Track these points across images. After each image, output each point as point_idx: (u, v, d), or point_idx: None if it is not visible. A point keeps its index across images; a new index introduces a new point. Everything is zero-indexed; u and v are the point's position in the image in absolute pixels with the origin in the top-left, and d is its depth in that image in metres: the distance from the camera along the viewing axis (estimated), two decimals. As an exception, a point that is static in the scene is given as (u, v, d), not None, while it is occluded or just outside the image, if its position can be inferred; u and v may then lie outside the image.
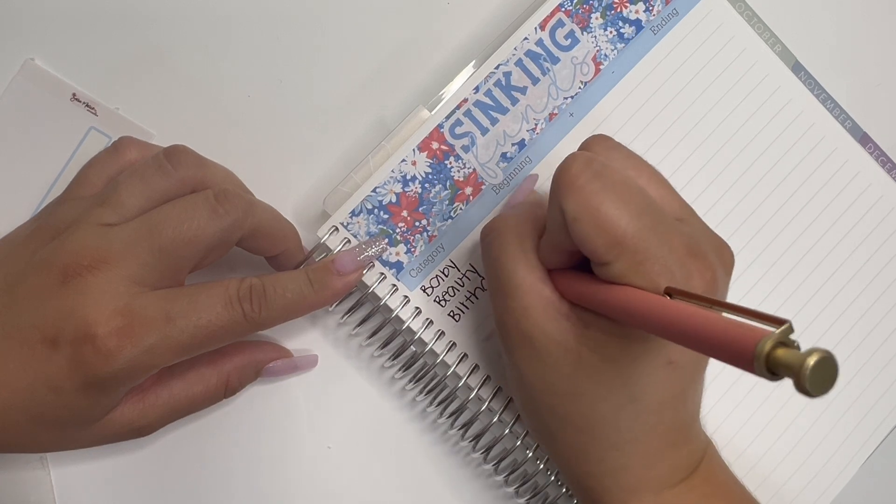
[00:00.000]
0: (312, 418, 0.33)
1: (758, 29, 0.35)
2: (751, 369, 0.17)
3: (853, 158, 0.35)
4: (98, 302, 0.25)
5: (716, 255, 0.25)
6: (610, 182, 0.24)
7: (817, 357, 0.16)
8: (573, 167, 0.24)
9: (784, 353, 0.16)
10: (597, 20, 0.33)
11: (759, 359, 0.17)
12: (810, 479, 0.34)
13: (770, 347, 0.17)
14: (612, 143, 0.27)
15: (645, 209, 0.24)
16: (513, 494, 0.33)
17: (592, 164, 0.24)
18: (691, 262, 0.24)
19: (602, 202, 0.23)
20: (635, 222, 0.23)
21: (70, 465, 0.32)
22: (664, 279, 0.23)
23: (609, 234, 0.23)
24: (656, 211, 0.24)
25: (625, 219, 0.23)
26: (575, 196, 0.23)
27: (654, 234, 0.23)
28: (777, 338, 0.17)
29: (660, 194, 0.26)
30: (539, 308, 0.26)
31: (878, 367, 0.35)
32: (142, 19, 0.33)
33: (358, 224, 0.31)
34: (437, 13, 0.35)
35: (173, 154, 0.28)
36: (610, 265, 0.23)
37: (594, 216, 0.23)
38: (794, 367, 0.16)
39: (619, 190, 0.24)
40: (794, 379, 0.16)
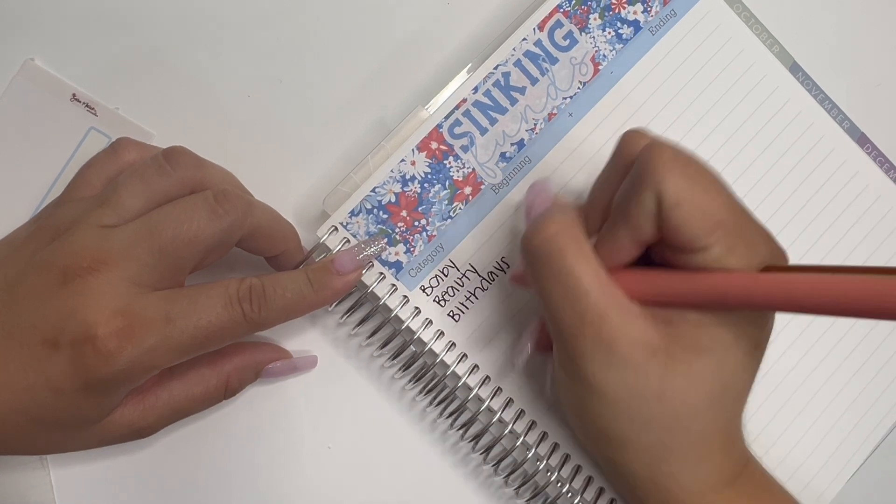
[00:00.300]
0: (312, 418, 0.33)
1: (755, 30, 0.35)
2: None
3: (851, 159, 0.35)
4: (98, 303, 0.25)
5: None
6: (701, 167, 0.24)
7: None
8: (667, 152, 0.24)
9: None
10: (595, 21, 0.33)
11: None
12: (810, 478, 0.34)
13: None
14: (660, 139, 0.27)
15: (733, 197, 0.24)
16: (512, 494, 0.33)
17: (682, 151, 0.24)
18: (776, 244, 0.24)
19: (704, 184, 0.24)
20: (729, 205, 0.24)
21: (70, 465, 0.32)
22: (759, 260, 0.23)
23: (710, 217, 0.23)
24: (740, 201, 0.25)
25: (723, 201, 0.24)
26: (678, 178, 0.23)
27: (745, 216, 0.24)
28: None
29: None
30: (616, 311, 0.24)
31: (876, 367, 0.35)
32: (142, 19, 0.34)
33: (357, 224, 0.31)
34: (436, 13, 0.35)
35: (172, 155, 0.28)
36: (707, 249, 0.23)
37: (697, 198, 0.23)
38: None
39: (710, 176, 0.24)
40: None
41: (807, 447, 0.34)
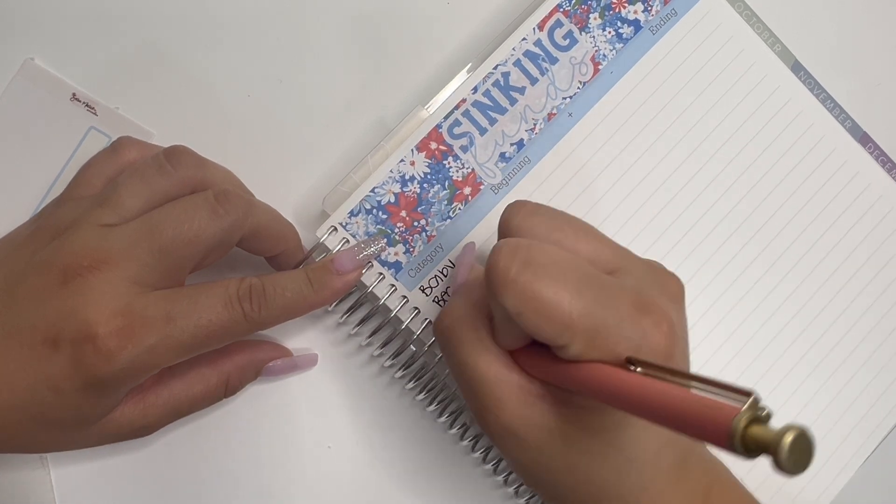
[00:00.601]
0: (312, 418, 0.33)
1: (757, 28, 0.35)
2: (728, 448, 0.17)
3: (853, 158, 0.35)
4: (98, 302, 0.25)
5: (663, 295, 0.25)
6: (541, 266, 0.23)
7: (793, 435, 0.16)
8: (500, 262, 0.23)
9: (760, 432, 0.16)
10: (595, 20, 0.33)
11: (734, 439, 0.16)
12: (810, 478, 0.34)
13: (744, 426, 0.16)
14: (529, 208, 0.26)
15: (584, 282, 0.23)
16: (512, 494, 0.33)
17: (518, 252, 0.23)
18: (644, 319, 0.23)
19: (540, 291, 0.22)
20: (578, 299, 0.23)
21: (70, 465, 0.32)
22: (622, 347, 0.23)
23: (556, 320, 0.22)
24: (595, 278, 0.24)
25: (566, 300, 0.22)
26: (511, 292, 0.23)
27: (600, 305, 0.23)
28: (748, 415, 0.17)
29: (590, 249, 0.25)
30: (513, 397, 0.25)
31: (877, 367, 0.35)
32: (142, 19, 0.34)
33: (357, 224, 0.31)
34: (436, 13, 0.35)
35: (173, 154, 0.28)
36: (567, 347, 0.23)
37: (536, 307, 0.22)
38: (771, 445, 0.16)
39: (553, 271, 0.23)
40: (772, 458, 0.16)
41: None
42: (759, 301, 0.34)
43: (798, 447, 0.16)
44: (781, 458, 0.16)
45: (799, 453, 0.16)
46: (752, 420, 0.17)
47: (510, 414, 0.25)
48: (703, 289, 0.34)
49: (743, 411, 0.17)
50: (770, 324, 0.34)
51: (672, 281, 0.26)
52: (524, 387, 0.25)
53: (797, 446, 0.16)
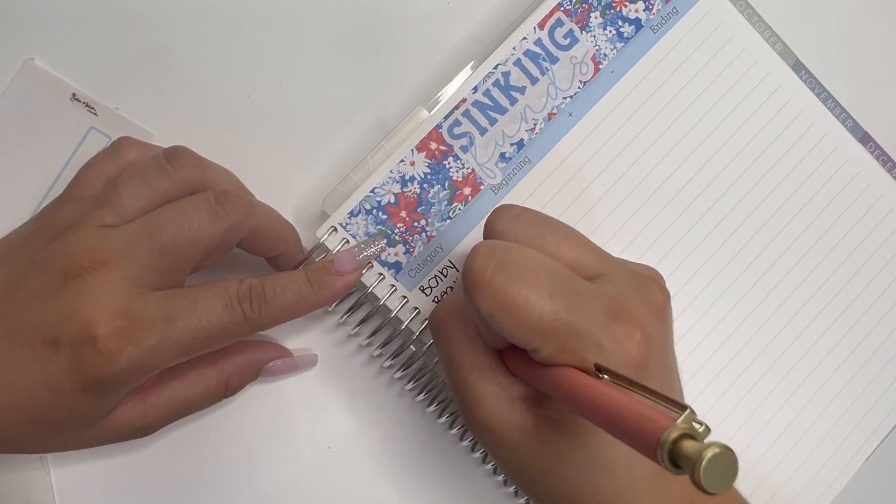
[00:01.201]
0: (312, 418, 0.33)
1: (758, 27, 0.35)
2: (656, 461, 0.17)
3: (854, 157, 0.35)
4: (98, 303, 0.25)
5: (642, 304, 0.25)
6: (515, 269, 0.23)
7: (712, 453, 0.16)
8: (476, 263, 0.23)
9: (686, 446, 0.16)
10: (596, 19, 0.33)
11: (662, 451, 0.17)
12: (810, 479, 0.34)
13: (674, 438, 0.16)
14: (514, 212, 0.26)
15: (558, 286, 0.23)
16: (512, 494, 0.33)
17: (494, 254, 0.23)
18: (616, 327, 0.23)
19: (511, 293, 0.23)
20: (550, 304, 0.23)
21: (70, 465, 0.32)
22: (592, 353, 0.23)
23: (527, 324, 0.23)
24: (570, 283, 0.24)
25: (538, 304, 0.23)
26: (484, 293, 0.23)
27: (572, 310, 0.23)
28: (679, 429, 0.17)
29: (573, 255, 0.25)
30: (492, 396, 0.25)
31: (877, 367, 0.35)
32: (142, 19, 0.33)
33: (357, 224, 0.31)
34: (436, 13, 0.35)
35: (173, 155, 0.28)
36: (538, 350, 0.23)
37: (507, 310, 0.23)
38: (690, 460, 0.16)
39: (526, 274, 0.23)
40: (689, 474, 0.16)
41: (806, 448, 0.34)
42: (759, 300, 0.34)
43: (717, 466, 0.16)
44: (698, 474, 0.16)
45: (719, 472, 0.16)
46: (682, 435, 0.17)
47: (487, 412, 0.25)
48: (704, 286, 0.34)
49: (675, 425, 0.17)
50: (770, 323, 0.34)
51: (655, 290, 0.26)
52: (505, 387, 0.25)
53: (716, 465, 0.16)
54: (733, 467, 0.16)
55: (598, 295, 0.24)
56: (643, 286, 0.26)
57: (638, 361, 0.23)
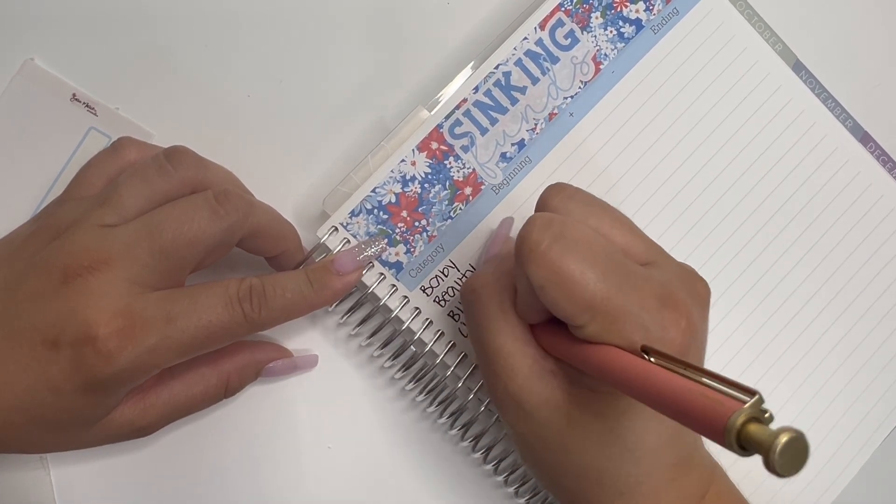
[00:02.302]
0: (312, 418, 0.33)
1: (758, 28, 0.35)
2: (722, 443, 0.17)
3: (854, 158, 0.35)
4: (99, 303, 0.25)
5: (689, 295, 0.25)
6: (572, 243, 0.23)
7: (787, 437, 0.16)
8: (533, 233, 0.23)
9: (755, 430, 0.16)
10: (597, 20, 0.33)
11: (730, 433, 0.17)
12: (810, 479, 0.34)
13: (742, 422, 0.16)
14: (569, 191, 0.26)
15: (612, 266, 0.23)
16: (512, 494, 0.33)
17: (552, 227, 0.23)
18: (665, 313, 0.23)
19: (566, 267, 0.23)
20: (603, 282, 0.23)
21: (70, 465, 0.32)
22: (639, 336, 0.23)
23: (578, 299, 0.23)
24: (623, 265, 0.24)
25: (592, 280, 0.23)
26: (538, 264, 0.23)
27: (623, 291, 0.23)
28: (748, 413, 0.17)
29: (624, 240, 0.26)
30: (524, 369, 0.25)
31: (877, 368, 0.35)
32: (142, 19, 0.33)
33: (357, 224, 0.31)
34: (436, 13, 0.35)
35: (173, 155, 0.28)
36: (584, 327, 0.23)
37: (560, 283, 0.23)
38: (764, 445, 0.16)
39: (583, 250, 0.23)
40: (763, 457, 0.16)
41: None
42: (758, 301, 0.34)
43: (791, 450, 0.16)
44: (772, 458, 0.16)
45: (791, 456, 0.16)
46: (750, 418, 0.17)
47: (519, 385, 0.25)
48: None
49: (743, 409, 0.17)
50: (770, 323, 0.34)
51: (700, 284, 0.26)
52: (538, 361, 0.25)
53: (790, 449, 0.16)
54: (805, 452, 0.16)
55: (649, 280, 0.24)
56: (690, 278, 0.26)
57: (681, 349, 0.23)
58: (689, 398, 0.18)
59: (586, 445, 0.25)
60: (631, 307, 0.23)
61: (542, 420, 0.25)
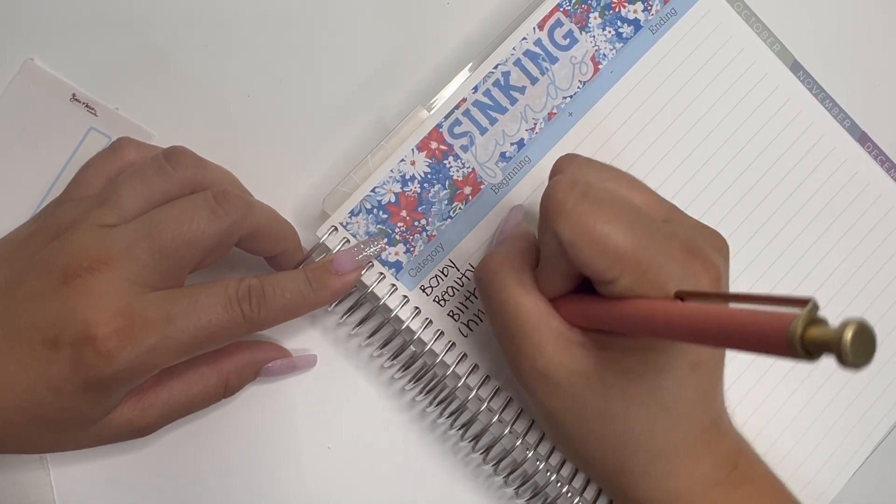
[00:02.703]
0: (312, 418, 0.33)
1: (756, 28, 0.35)
2: (789, 353, 0.17)
3: (852, 157, 0.35)
4: (98, 303, 0.25)
5: (712, 248, 0.25)
6: (597, 200, 0.23)
7: (854, 328, 0.16)
8: (559, 192, 0.24)
9: (819, 332, 0.16)
10: (595, 20, 0.33)
11: (793, 341, 0.16)
12: (810, 478, 0.34)
13: (802, 328, 0.16)
14: (582, 159, 0.27)
15: (637, 219, 0.24)
16: (512, 494, 0.33)
17: (577, 186, 0.24)
18: (693, 262, 0.24)
19: (595, 222, 0.23)
20: (631, 235, 0.23)
21: (70, 465, 0.32)
22: (672, 284, 0.23)
23: (609, 252, 0.23)
24: (647, 219, 0.24)
25: (621, 234, 0.23)
26: (567, 221, 0.23)
27: (651, 242, 0.23)
28: (806, 317, 0.17)
29: (643, 199, 0.26)
30: (552, 342, 0.25)
31: (877, 367, 0.35)
32: (142, 19, 0.33)
33: (357, 224, 0.31)
34: (436, 13, 0.35)
35: (173, 155, 0.28)
36: (615, 282, 0.23)
37: (590, 237, 0.23)
38: (832, 343, 0.16)
39: (608, 206, 0.23)
40: (835, 354, 0.16)
41: (807, 447, 0.34)
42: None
43: (859, 340, 0.16)
44: (844, 351, 0.16)
45: (861, 346, 0.16)
46: (809, 323, 0.17)
47: (547, 358, 0.25)
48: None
49: (801, 315, 0.17)
50: (770, 323, 0.34)
51: (720, 239, 0.27)
52: (563, 333, 0.26)
53: (858, 340, 0.16)
54: (872, 339, 0.16)
55: (675, 233, 0.24)
56: (709, 233, 0.27)
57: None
58: (743, 321, 0.18)
59: (623, 409, 0.25)
60: (660, 257, 0.23)
61: (577, 391, 0.25)
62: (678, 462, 0.26)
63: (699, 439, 0.26)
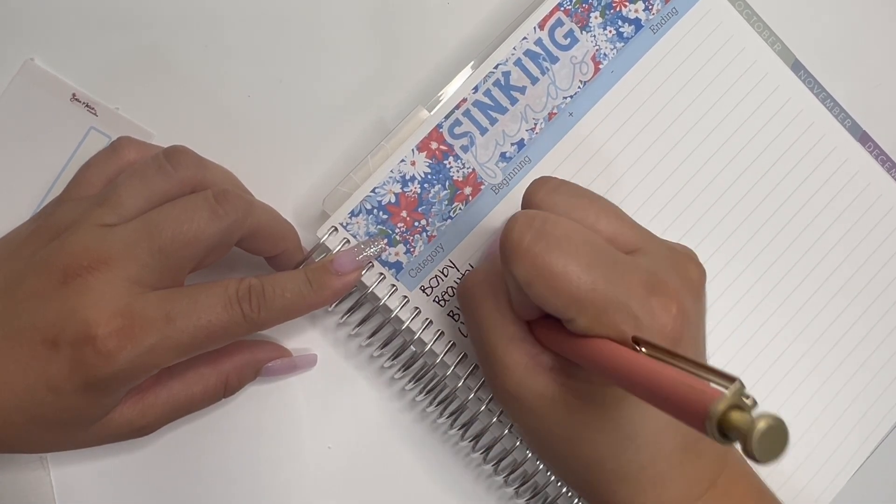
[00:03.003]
0: (312, 418, 0.33)
1: (757, 27, 0.35)
2: (703, 431, 0.17)
3: (852, 157, 0.35)
4: (98, 303, 0.25)
5: (679, 279, 0.25)
6: (554, 238, 0.23)
7: (765, 423, 0.16)
8: (514, 230, 0.24)
9: (735, 417, 0.16)
10: (596, 19, 0.33)
11: (710, 421, 0.17)
12: (810, 478, 0.34)
13: (723, 410, 0.16)
14: (553, 184, 0.26)
15: (596, 257, 0.23)
16: (512, 494, 0.33)
17: (534, 223, 0.24)
18: (653, 300, 0.23)
19: (550, 262, 0.23)
20: (587, 274, 0.23)
21: (70, 465, 0.32)
22: (629, 326, 0.23)
23: (564, 293, 0.23)
24: (608, 255, 0.24)
25: (575, 274, 0.23)
26: (521, 261, 0.23)
27: (609, 282, 0.23)
28: (729, 400, 0.17)
29: (611, 229, 0.26)
30: (520, 365, 0.26)
31: (877, 367, 0.35)
32: (142, 19, 0.33)
33: (357, 224, 0.31)
34: (436, 13, 0.35)
35: (173, 154, 0.28)
36: (574, 321, 0.23)
37: (544, 278, 0.23)
38: (742, 431, 0.16)
39: (565, 244, 0.23)
40: (741, 444, 0.16)
41: (806, 447, 0.34)
42: (758, 300, 0.34)
43: (769, 437, 0.16)
44: (751, 444, 0.16)
45: (770, 443, 0.16)
46: (731, 406, 0.17)
47: (515, 381, 0.26)
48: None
49: (723, 396, 0.17)
50: (770, 323, 0.34)
51: (692, 267, 0.26)
52: (534, 356, 0.26)
53: (768, 436, 0.16)
54: (784, 438, 0.16)
55: (636, 267, 0.24)
56: (680, 262, 0.26)
57: (673, 335, 0.23)
58: (673, 387, 0.18)
59: (587, 435, 0.25)
60: (618, 297, 0.23)
61: (542, 414, 0.26)
62: (646, 484, 0.26)
63: (668, 462, 0.26)
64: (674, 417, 0.18)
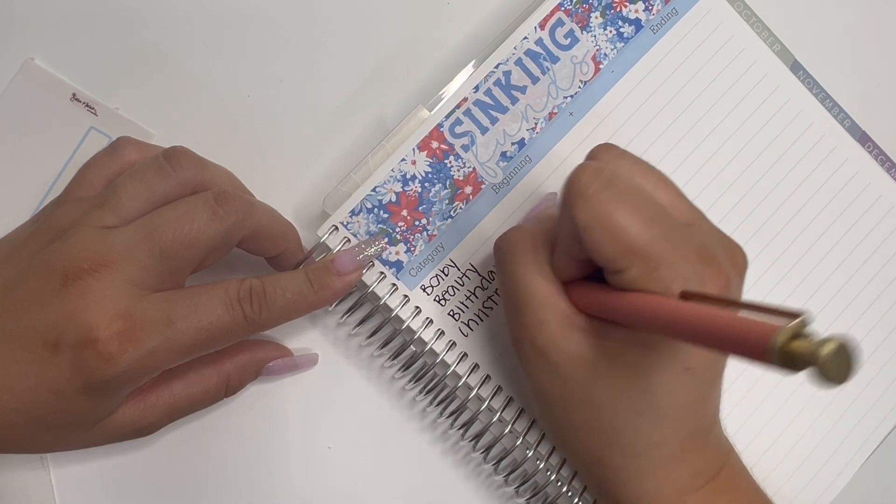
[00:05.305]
0: (312, 418, 0.33)
1: (757, 28, 0.35)
2: (768, 362, 0.17)
3: (852, 157, 0.35)
4: (99, 305, 0.25)
5: (727, 259, 0.25)
6: (620, 191, 0.24)
7: (833, 346, 0.16)
8: (583, 177, 0.24)
9: (799, 345, 0.16)
10: (596, 19, 0.33)
11: (772, 351, 0.17)
12: (810, 478, 0.34)
13: (784, 340, 0.16)
14: (618, 150, 0.27)
15: (655, 216, 0.24)
16: (512, 494, 0.33)
17: (602, 174, 0.24)
18: (704, 268, 0.24)
19: (613, 211, 0.23)
20: (647, 229, 0.23)
21: (70, 465, 0.32)
22: (678, 284, 0.23)
23: (621, 242, 0.23)
24: (667, 217, 0.24)
25: (636, 226, 0.23)
26: (585, 206, 0.24)
27: (665, 240, 0.23)
28: (791, 330, 0.17)
29: (669, 199, 0.26)
30: (554, 322, 0.26)
31: (878, 366, 0.35)
32: (142, 19, 0.33)
33: (358, 223, 0.31)
34: (436, 13, 0.35)
35: (173, 155, 0.28)
36: (624, 272, 0.23)
37: (606, 225, 0.23)
38: (809, 357, 0.16)
39: (629, 198, 0.24)
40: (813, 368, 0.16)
41: (806, 448, 0.34)
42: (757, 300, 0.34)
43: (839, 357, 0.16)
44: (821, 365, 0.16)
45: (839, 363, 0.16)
46: (793, 336, 0.17)
47: (546, 337, 0.26)
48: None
49: (786, 327, 0.17)
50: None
51: (739, 254, 0.27)
52: (568, 315, 0.26)
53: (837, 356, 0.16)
54: (853, 357, 0.16)
55: (691, 236, 0.24)
56: (730, 246, 0.27)
57: None
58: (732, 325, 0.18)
59: (611, 399, 0.25)
60: (671, 256, 0.23)
61: (568, 374, 0.26)
62: (656, 463, 0.26)
63: (682, 445, 0.26)
64: (734, 354, 0.18)
